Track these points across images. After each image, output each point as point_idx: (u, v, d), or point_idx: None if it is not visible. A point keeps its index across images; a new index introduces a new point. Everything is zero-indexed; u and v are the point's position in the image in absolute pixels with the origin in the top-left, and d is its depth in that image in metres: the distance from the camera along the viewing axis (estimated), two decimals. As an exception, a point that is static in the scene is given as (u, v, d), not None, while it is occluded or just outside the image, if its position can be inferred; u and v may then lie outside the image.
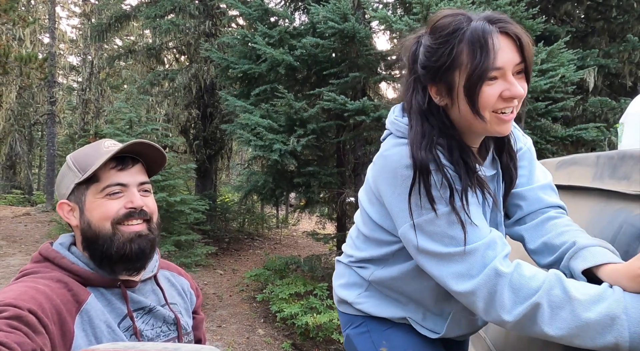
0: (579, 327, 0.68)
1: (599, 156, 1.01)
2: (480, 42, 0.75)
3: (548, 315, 0.70)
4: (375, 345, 1.02)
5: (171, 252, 5.22)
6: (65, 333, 0.69)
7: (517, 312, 0.73)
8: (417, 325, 1.01)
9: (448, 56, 0.77)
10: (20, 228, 8.42)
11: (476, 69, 0.75)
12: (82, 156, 0.83)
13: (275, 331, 4.88)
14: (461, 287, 0.78)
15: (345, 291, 1.08)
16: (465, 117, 0.80)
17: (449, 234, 0.79)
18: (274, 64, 5.12)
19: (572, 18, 5.90)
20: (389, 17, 4.42)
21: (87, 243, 0.81)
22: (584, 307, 0.68)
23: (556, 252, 0.84)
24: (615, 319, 0.65)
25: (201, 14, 7.96)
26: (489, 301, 0.76)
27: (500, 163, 0.93)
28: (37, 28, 10.41)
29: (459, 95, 0.79)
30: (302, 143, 4.83)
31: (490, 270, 0.75)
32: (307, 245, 8.88)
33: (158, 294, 0.89)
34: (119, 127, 5.69)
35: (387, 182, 0.85)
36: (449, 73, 0.78)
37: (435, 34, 0.80)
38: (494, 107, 0.78)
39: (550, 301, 0.71)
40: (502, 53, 0.75)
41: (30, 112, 13.64)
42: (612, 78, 5.65)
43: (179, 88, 8.05)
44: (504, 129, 0.81)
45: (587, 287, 0.71)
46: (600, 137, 4.43)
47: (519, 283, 0.74)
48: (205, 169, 8.57)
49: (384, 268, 0.98)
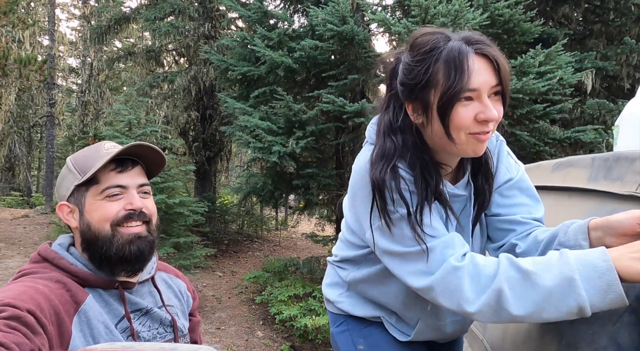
0: (542, 299, 0.69)
1: (594, 158, 1.02)
2: (455, 62, 0.75)
3: (511, 296, 0.71)
4: (354, 342, 1.07)
5: (170, 253, 5.22)
6: (63, 333, 0.70)
7: (481, 301, 0.74)
8: (389, 325, 1.04)
9: (424, 74, 0.78)
10: (19, 230, 8.40)
11: (449, 89, 0.75)
12: (82, 158, 0.84)
13: (274, 333, 4.87)
14: (420, 283, 0.81)
15: (329, 290, 1.14)
16: (439, 136, 0.81)
17: (408, 235, 0.81)
18: (273, 66, 5.13)
19: (570, 21, 5.92)
20: (388, 20, 4.44)
21: (87, 244, 0.81)
22: (540, 277, 0.69)
23: (542, 243, 0.86)
24: (571, 281, 0.67)
25: (200, 16, 7.98)
26: (449, 295, 0.77)
27: (475, 185, 0.93)
28: (36, 30, 10.43)
29: (433, 114, 0.79)
30: (301, 145, 4.84)
31: (446, 265, 0.78)
32: (306, 247, 8.87)
33: (155, 296, 0.89)
34: (118, 129, 5.69)
35: (353, 187, 0.89)
36: (424, 91, 0.79)
37: (413, 52, 0.81)
38: (469, 129, 0.78)
39: (509, 283, 0.72)
40: (478, 75, 0.75)
41: (30, 114, 13.64)
42: (610, 80, 5.67)
43: (178, 90, 8.07)
44: (479, 149, 0.81)
45: (536, 259, 0.73)
46: (598, 139, 4.44)
47: (475, 273, 0.75)
48: (204, 171, 8.58)
49: (358, 269, 1.03)
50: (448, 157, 0.88)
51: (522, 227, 0.94)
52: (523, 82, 4.12)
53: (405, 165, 0.84)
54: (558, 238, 0.83)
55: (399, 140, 0.84)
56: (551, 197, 1.08)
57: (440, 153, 0.86)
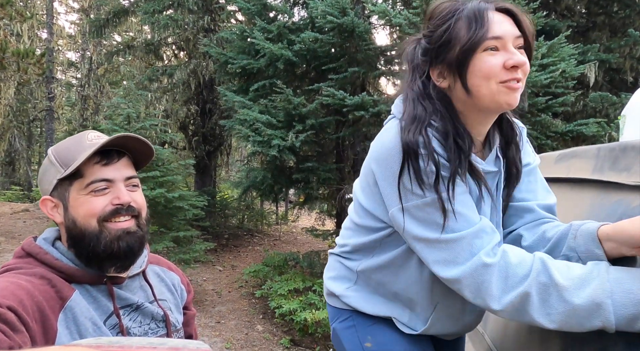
0: (567, 313, 0.68)
1: (599, 148, 0.99)
2: (476, 16, 0.76)
3: (537, 303, 0.71)
4: (360, 339, 1.01)
5: (170, 248, 5.21)
6: (48, 330, 0.67)
7: (506, 301, 0.73)
8: (400, 324, 0.99)
9: (445, 34, 0.79)
10: (19, 224, 8.41)
11: (471, 38, 0.75)
12: (64, 150, 0.80)
13: (274, 327, 4.88)
14: (447, 274, 0.78)
15: (334, 284, 1.07)
16: (468, 94, 0.79)
17: (437, 221, 0.78)
18: (272, 59, 5.09)
19: (573, 12, 5.85)
20: (388, 12, 4.39)
21: (73, 240, 0.78)
22: (570, 293, 0.68)
23: (550, 241, 0.83)
24: (601, 305, 0.65)
25: (200, 9, 7.90)
26: (475, 290, 0.76)
27: (507, 158, 0.90)
28: (34, 23, 10.35)
29: (455, 72, 0.79)
30: (301, 139, 4.80)
31: (477, 260, 0.75)
32: (307, 242, 8.87)
33: (146, 290, 0.87)
34: (118, 122, 5.66)
35: (378, 164, 0.85)
36: (447, 50, 0.79)
37: (433, 20, 0.82)
38: (498, 77, 0.77)
39: (538, 289, 0.70)
40: (500, 24, 0.77)
41: (29, 108, 13.60)
42: (612, 73, 5.62)
43: (177, 84, 8.02)
44: (512, 100, 0.78)
45: (572, 270, 0.70)
46: (600, 132, 4.41)
47: (505, 272, 0.74)
48: (204, 165, 8.55)
49: (372, 257, 0.97)
50: (478, 124, 0.85)
51: (532, 215, 0.92)
52: (525, 74, 4.08)
53: (437, 133, 0.80)
54: (568, 243, 0.79)
55: (429, 105, 0.82)
56: (554, 188, 1.06)
57: (471, 120, 0.84)
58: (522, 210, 0.93)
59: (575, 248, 0.77)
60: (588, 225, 0.78)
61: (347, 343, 1.04)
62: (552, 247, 0.82)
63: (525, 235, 0.90)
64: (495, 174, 0.90)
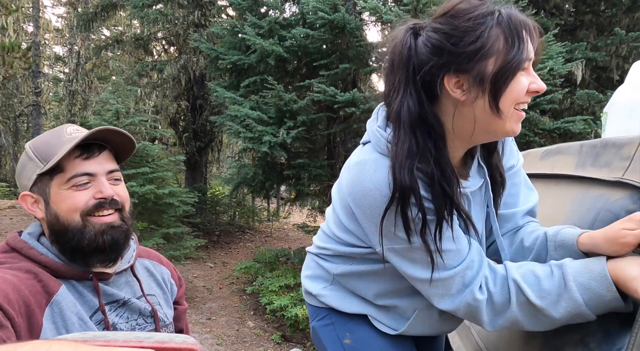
0: (552, 323, 0.75)
1: (582, 145, 1.01)
2: (517, 30, 0.69)
3: (526, 321, 0.76)
4: (339, 337, 1.01)
5: (160, 244, 5.18)
6: (33, 325, 0.66)
7: (497, 324, 0.79)
8: (377, 322, 0.99)
9: (479, 41, 0.68)
10: (5, 221, 8.28)
11: (516, 56, 0.68)
12: (42, 144, 0.78)
13: (265, 323, 4.89)
14: (442, 305, 0.81)
15: (311, 283, 1.07)
16: (483, 114, 0.72)
17: (427, 261, 0.77)
18: (263, 55, 5.06)
19: (561, 11, 5.91)
20: (380, 8, 4.39)
21: (56, 236, 0.77)
22: (549, 312, 0.73)
23: (531, 253, 0.86)
24: (578, 312, 0.71)
25: (190, 3, 7.82)
26: (470, 317, 0.81)
27: (489, 166, 0.86)
28: (20, 16, 10.14)
29: (487, 87, 0.70)
30: (292, 136, 4.80)
31: (469, 293, 0.77)
32: (298, 238, 8.88)
33: (134, 286, 0.86)
34: (106, 118, 5.59)
35: (356, 204, 0.79)
36: (479, 61, 0.69)
37: (458, 19, 0.70)
38: (519, 100, 0.72)
39: (521, 310, 0.75)
40: (530, 46, 0.71)
41: (15, 104, 13.34)
42: (599, 71, 5.69)
43: (167, 79, 7.93)
44: (518, 128, 0.76)
45: (542, 285, 0.73)
46: (587, 129, 4.47)
47: (492, 302, 0.77)
48: (195, 162, 8.49)
49: (351, 265, 0.95)
50: (462, 149, 0.81)
51: (511, 224, 0.93)
52: (514, 72, 4.12)
53: (423, 176, 0.73)
54: (549, 254, 0.82)
55: (421, 137, 0.72)
56: (539, 185, 1.08)
57: (460, 143, 0.78)
58: (502, 219, 0.92)
59: (558, 259, 0.78)
60: (565, 236, 0.80)
61: (327, 341, 1.03)
62: (535, 259, 0.85)
63: (504, 249, 0.91)
64: (482, 186, 0.86)
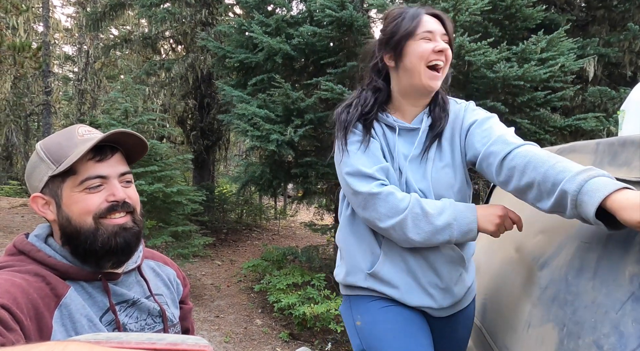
0: (431, 232, 1.03)
1: (598, 143, 0.99)
2: (414, 16, 1.10)
3: (411, 226, 1.03)
4: (353, 319, 1.18)
5: (168, 242, 5.21)
6: (43, 328, 0.66)
7: (389, 223, 1.05)
8: (376, 284, 1.14)
9: (394, 27, 1.10)
10: (17, 219, 8.39)
11: (408, 28, 1.08)
12: (54, 145, 0.77)
13: (272, 322, 4.90)
14: (353, 201, 1.12)
15: (337, 270, 1.25)
16: (406, 71, 1.09)
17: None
18: (271, 53, 5.05)
19: (572, 6, 5.82)
20: (387, 5, 4.35)
21: (67, 238, 0.76)
22: (434, 218, 1.03)
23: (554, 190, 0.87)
24: (451, 224, 1.03)
25: (197, 2, 7.83)
26: (368, 211, 1.08)
27: (433, 117, 1.14)
28: (30, 16, 10.25)
29: (401, 53, 1.09)
30: (299, 134, 4.78)
31: (370, 189, 1.06)
32: (305, 236, 8.88)
33: (142, 285, 0.86)
34: (115, 117, 5.63)
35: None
36: (395, 39, 1.10)
37: (387, 19, 1.15)
38: (428, 58, 1.06)
39: (412, 217, 1.03)
40: (431, 23, 1.09)
41: (26, 103, 13.50)
42: (611, 68, 5.59)
43: (175, 78, 7.96)
44: (434, 83, 1.08)
45: (434, 204, 1.05)
46: (599, 127, 4.40)
47: (391, 202, 1.04)
48: (202, 160, 8.52)
49: (343, 216, 1.23)
50: (410, 106, 1.15)
51: (495, 158, 1.01)
52: (524, 68, 4.06)
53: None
54: (568, 212, 0.81)
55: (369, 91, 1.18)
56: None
57: (402, 97, 1.15)
58: (485, 159, 1.04)
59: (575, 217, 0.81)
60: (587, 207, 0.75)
61: (346, 324, 1.21)
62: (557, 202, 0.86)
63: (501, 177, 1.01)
64: (420, 130, 1.14)
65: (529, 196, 0.92)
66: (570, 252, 0.86)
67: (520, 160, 0.93)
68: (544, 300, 0.90)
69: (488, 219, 1.02)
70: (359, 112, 1.12)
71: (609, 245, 0.75)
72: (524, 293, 1.03)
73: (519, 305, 1.04)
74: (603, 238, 0.78)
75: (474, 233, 1.03)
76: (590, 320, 0.73)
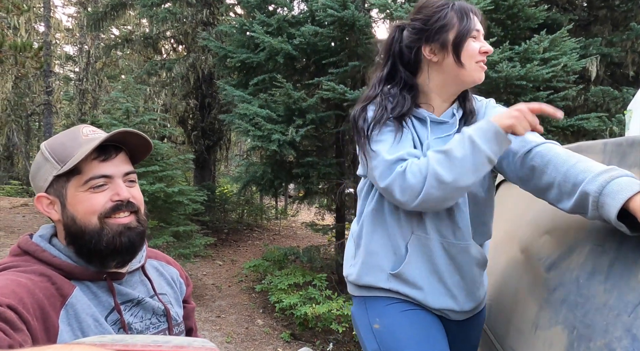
0: (461, 165, 0.94)
1: (605, 143, 0.97)
2: (464, 12, 1.06)
3: (442, 170, 0.95)
4: (370, 322, 1.11)
5: (169, 242, 5.21)
6: (49, 328, 0.66)
7: (426, 187, 0.97)
8: (397, 284, 1.08)
9: (442, 21, 1.06)
10: (18, 218, 8.39)
11: (464, 27, 1.05)
12: (59, 145, 0.77)
13: (274, 322, 4.89)
14: (382, 183, 1.03)
15: (345, 267, 1.19)
16: (451, 68, 1.06)
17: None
18: (272, 53, 5.04)
19: (574, 6, 5.80)
20: (389, 5, 4.34)
21: (72, 238, 0.76)
22: (455, 150, 0.95)
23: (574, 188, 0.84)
24: (473, 142, 0.94)
25: (198, 2, 7.83)
26: (403, 191, 1.00)
27: (464, 111, 1.14)
28: (31, 16, 10.25)
29: (449, 50, 1.06)
30: (300, 134, 4.78)
31: (397, 171, 1.00)
32: (306, 236, 8.88)
33: (146, 285, 0.86)
34: (116, 117, 5.63)
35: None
36: (442, 33, 1.05)
37: (425, 9, 1.09)
38: (476, 58, 1.06)
39: (437, 162, 0.96)
40: (477, 22, 1.08)
41: (27, 102, 13.51)
42: (614, 67, 5.58)
43: (176, 78, 7.96)
44: (482, 76, 1.08)
45: (447, 144, 0.99)
46: (601, 127, 4.39)
47: (414, 170, 0.98)
48: (203, 160, 8.52)
49: (367, 206, 1.15)
50: (442, 102, 1.13)
51: (515, 156, 1.00)
52: (527, 68, 4.05)
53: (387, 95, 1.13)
54: (590, 213, 0.79)
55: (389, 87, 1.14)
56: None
57: (437, 92, 1.11)
58: (504, 156, 1.02)
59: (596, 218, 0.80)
60: (609, 209, 0.74)
61: (361, 327, 1.15)
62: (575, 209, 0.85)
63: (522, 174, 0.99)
64: (450, 124, 1.12)
65: (549, 196, 0.90)
66: (582, 254, 0.85)
67: (541, 159, 0.91)
68: (553, 302, 0.89)
69: (504, 116, 0.95)
70: (396, 113, 1.07)
71: (622, 248, 0.74)
72: (530, 295, 1.02)
73: (525, 306, 1.03)
74: (616, 241, 0.77)
75: (502, 135, 0.93)
76: (601, 323, 0.72)
